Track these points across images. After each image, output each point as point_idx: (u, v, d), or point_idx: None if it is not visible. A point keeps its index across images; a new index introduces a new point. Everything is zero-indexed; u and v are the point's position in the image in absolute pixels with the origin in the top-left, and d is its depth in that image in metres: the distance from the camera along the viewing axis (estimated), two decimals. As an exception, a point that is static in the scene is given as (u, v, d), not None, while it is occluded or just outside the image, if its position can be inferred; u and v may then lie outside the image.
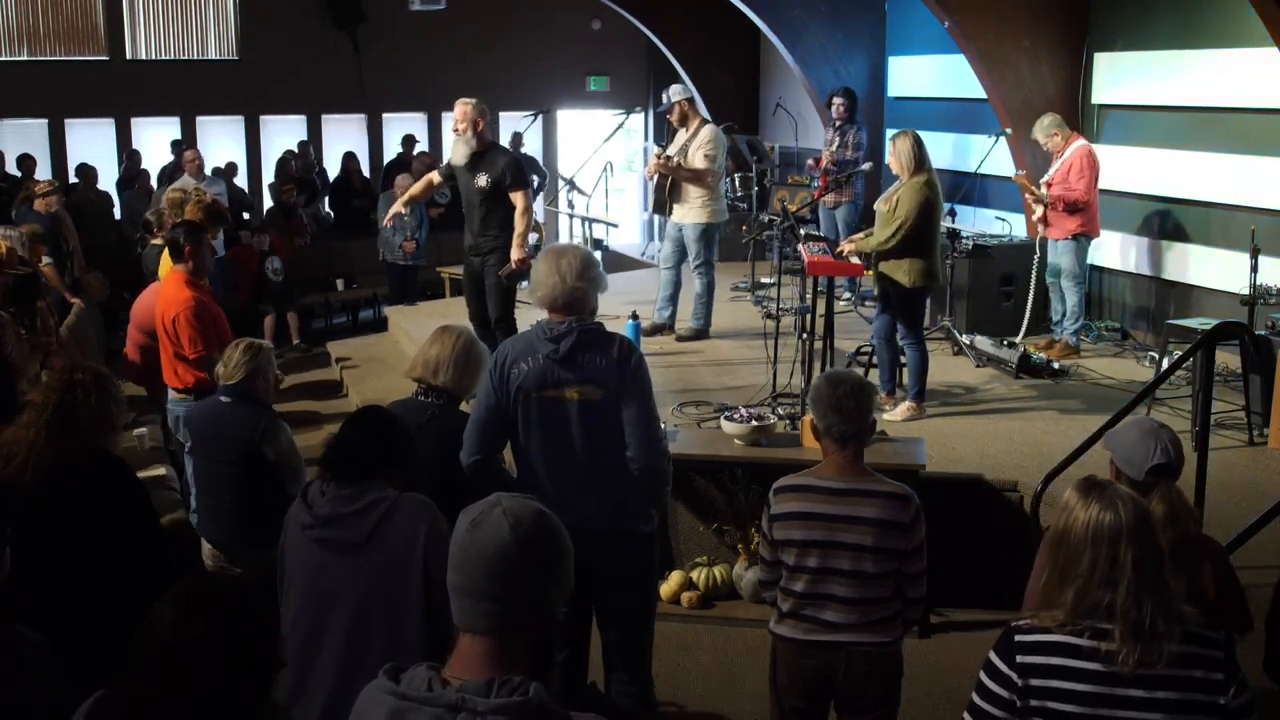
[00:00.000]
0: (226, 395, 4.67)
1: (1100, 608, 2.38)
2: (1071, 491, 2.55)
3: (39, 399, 3.83)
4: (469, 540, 2.00)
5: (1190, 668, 2.36)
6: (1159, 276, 8.79)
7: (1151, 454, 3.26)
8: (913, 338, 6.74)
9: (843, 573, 3.44)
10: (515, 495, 2.07)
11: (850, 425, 3.46)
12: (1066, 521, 2.48)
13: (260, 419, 4.60)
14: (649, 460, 3.80)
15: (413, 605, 3.04)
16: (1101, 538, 2.41)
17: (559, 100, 16.34)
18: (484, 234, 7.08)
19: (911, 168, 6.51)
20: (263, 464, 4.55)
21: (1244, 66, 7.86)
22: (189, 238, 5.87)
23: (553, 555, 2.03)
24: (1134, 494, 2.51)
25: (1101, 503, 2.45)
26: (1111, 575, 2.38)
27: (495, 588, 1.97)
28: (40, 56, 13.91)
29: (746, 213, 11.00)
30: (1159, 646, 2.33)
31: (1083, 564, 2.41)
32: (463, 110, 6.94)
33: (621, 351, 3.79)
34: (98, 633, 3.50)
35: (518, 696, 1.88)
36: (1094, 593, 2.39)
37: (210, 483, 4.74)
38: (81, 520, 3.62)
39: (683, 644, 5.35)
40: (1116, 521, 2.41)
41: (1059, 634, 2.42)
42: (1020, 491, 5.79)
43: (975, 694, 2.51)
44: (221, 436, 4.63)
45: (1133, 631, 2.34)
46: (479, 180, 6.97)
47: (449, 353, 4.10)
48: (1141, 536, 2.41)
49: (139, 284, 7.12)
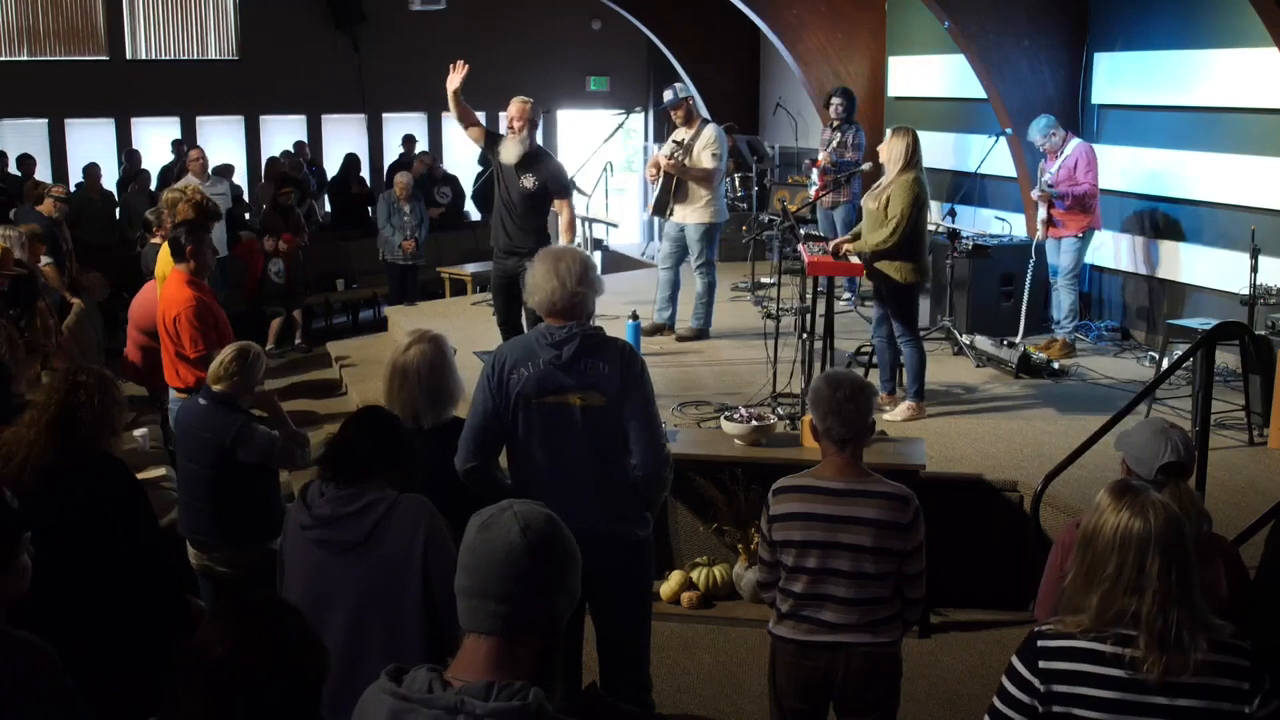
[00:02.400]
0: (205, 397, 4.69)
1: (1126, 615, 2.36)
2: (1104, 493, 2.52)
3: (41, 399, 3.83)
4: (479, 542, 2.01)
5: (1216, 676, 2.33)
6: (1159, 276, 8.79)
7: (1162, 453, 3.25)
8: (909, 335, 6.73)
9: (842, 573, 3.44)
10: (526, 500, 2.09)
11: (850, 427, 3.46)
12: (1096, 523, 2.45)
13: (232, 424, 4.59)
14: (652, 466, 3.79)
15: (411, 605, 3.04)
16: (1130, 544, 2.38)
17: (559, 100, 16.35)
18: (523, 235, 7.03)
19: (902, 164, 6.49)
20: (237, 466, 4.55)
21: (1244, 66, 7.86)
22: (190, 237, 5.85)
23: (561, 561, 2.04)
24: (1167, 501, 2.47)
25: (1133, 508, 2.41)
26: (1138, 583, 2.36)
27: (503, 588, 1.98)
28: (40, 56, 13.92)
29: (746, 213, 10.99)
30: (1185, 656, 2.31)
31: (1109, 569, 2.39)
32: (520, 108, 6.93)
33: (624, 357, 3.77)
34: (97, 633, 3.50)
35: (516, 701, 1.89)
36: (1119, 599, 2.37)
37: (187, 481, 4.76)
38: (80, 521, 3.61)
39: (683, 644, 5.35)
40: (1146, 529, 2.38)
41: (1083, 640, 2.39)
42: (1020, 491, 5.78)
43: (996, 697, 2.48)
44: (196, 438, 4.65)
45: (1158, 641, 2.32)
46: (525, 181, 6.93)
47: (415, 394, 3.80)
48: (1170, 545, 2.37)
49: (139, 284, 7.13)
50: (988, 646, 5.26)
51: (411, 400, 3.77)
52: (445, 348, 3.93)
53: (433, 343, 3.90)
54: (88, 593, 3.56)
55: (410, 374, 3.82)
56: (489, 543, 1.99)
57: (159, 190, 11.39)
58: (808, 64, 11.56)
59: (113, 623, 3.57)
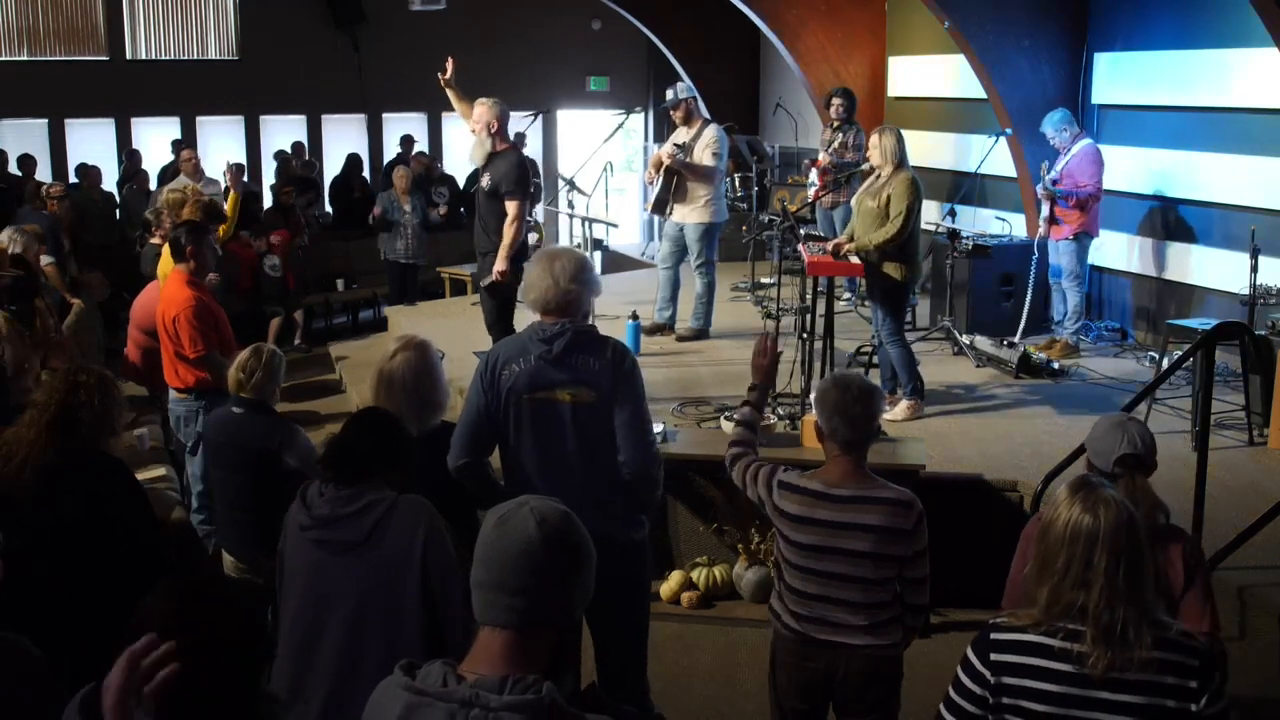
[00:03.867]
0: (238, 405, 4.64)
1: (1073, 609, 2.39)
2: (1063, 488, 2.55)
3: (41, 399, 3.83)
4: (495, 536, 2.02)
5: (1162, 674, 2.35)
6: (1159, 276, 8.79)
7: (1118, 445, 3.23)
8: (895, 335, 6.75)
9: (843, 577, 3.42)
10: (542, 497, 2.11)
11: (856, 431, 3.43)
12: (1050, 517, 2.49)
13: (277, 429, 4.58)
14: (640, 465, 3.77)
15: (410, 605, 3.03)
16: (1078, 539, 2.40)
17: (559, 100, 16.35)
18: (485, 237, 7.05)
19: (895, 162, 6.54)
20: (283, 472, 4.48)
21: (1244, 66, 7.86)
22: (190, 237, 5.85)
23: (576, 556, 2.05)
24: (1122, 499, 2.49)
25: (1085, 504, 2.44)
26: (1085, 577, 2.38)
27: (518, 582, 1.99)
28: (40, 56, 13.91)
29: (746, 213, 11.00)
30: (1130, 652, 2.33)
31: (1058, 563, 2.41)
32: (479, 111, 6.93)
33: (615, 354, 3.77)
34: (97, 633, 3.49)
35: (530, 695, 1.89)
36: (1067, 593, 2.39)
37: (229, 493, 4.68)
38: (79, 521, 3.61)
39: (683, 644, 5.35)
40: (1095, 524, 2.40)
41: (1033, 633, 2.42)
42: (1020, 491, 5.79)
43: (951, 689, 2.52)
44: (237, 447, 4.59)
45: (1104, 635, 2.34)
46: (483, 180, 6.96)
47: (401, 401, 3.78)
48: (1120, 541, 2.39)
49: (139, 284, 7.12)
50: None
51: (397, 408, 3.69)
52: (431, 354, 3.90)
53: (418, 349, 3.89)
54: (88, 593, 3.56)
55: (396, 381, 3.80)
56: (505, 537, 2.01)
57: (159, 190, 11.39)
58: (808, 64, 11.56)
59: (112, 623, 3.57)
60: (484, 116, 6.87)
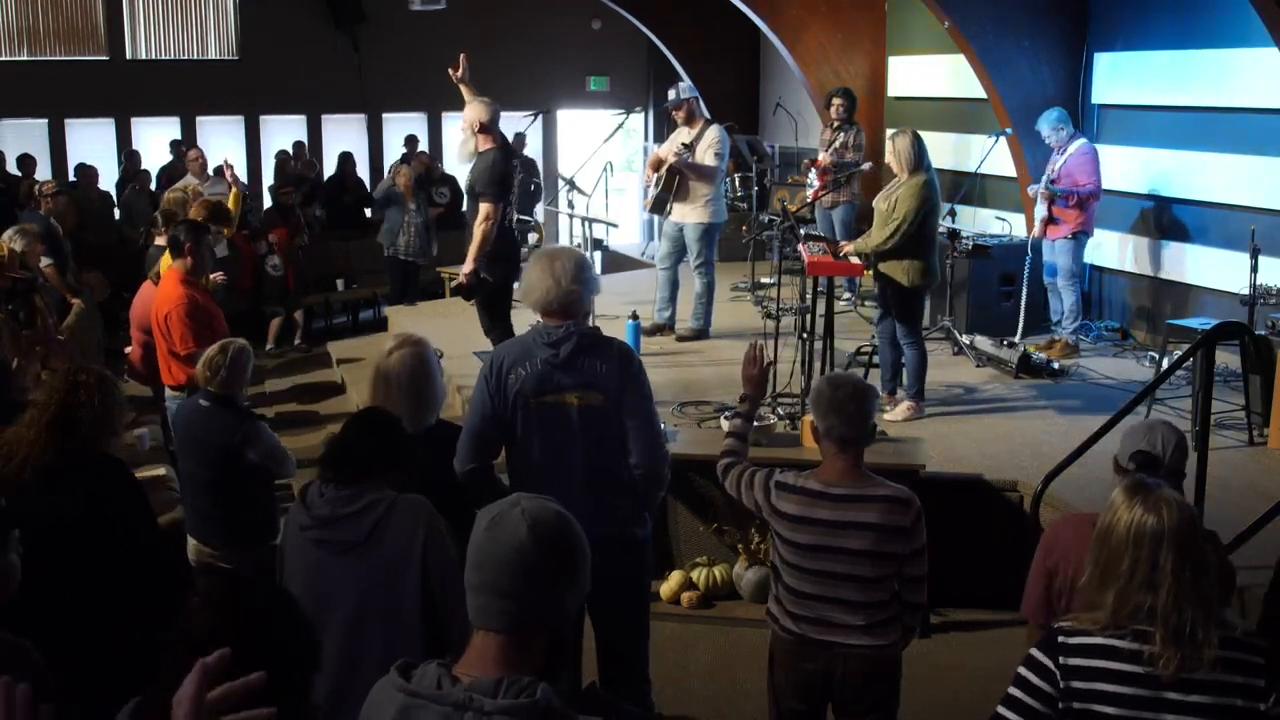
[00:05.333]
0: (206, 399, 4.68)
1: (1141, 611, 2.37)
2: (1119, 491, 2.52)
3: (41, 399, 3.83)
4: (487, 539, 2.00)
5: (1230, 673, 2.35)
6: (1159, 276, 8.79)
7: (1139, 442, 3.25)
8: (912, 337, 6.74)
9: (841, 576, 3.43)
10: (534, 496, 2.08)
11: (851, 428, 3.44)
12: (1110, 521, 2.46)
13: (242, 423, 4.60)
14: (651, 465, 3.80)
15: (410, 605, 3.04)
16: (1143, 540, 2.39)
17: (559, 100, 16.34)
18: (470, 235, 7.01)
19: (910, 166, 6.51)
20: (246, 466, 4.55)
21: (1244, 66, 7.86)
22: (190, 235, 5.88)
23: (569, 556, 2.03)
24: (1181, 498, 2.48)
25: (1146, 505, 2.42)
26: (1152, 579, 2.37)
27: (512, 585, 1.97)
28: (40, 56, 13.92)
29: (746, 213, 11.00)
30: (1199, 652, 2.32)
31: (1123, 565, 2.40)
32: (465, 110, 6.92)
33: (621, 356, 3.78)
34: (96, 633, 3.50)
35: (524, 698, 1.88)
36: (1135, 596, 2.38)
37: (193, 485, 4.75)
38: (80, 521, 3.61)
39: (683, 644, 5.35)
40: (1159, 525, 2.39)
41: (1100, 636, 2.41)
42: (1020, 491, 5.78)
43: (1013, 687, 2.47)
44: (201, 439, 4.64)
45: (1173, 637, 2.33)
46: (466, 181, 6.96)
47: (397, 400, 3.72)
48: (1184, 542, 2.38)
49: (139, 284, 7.12)
50: (988, 646, 5.26)
51: (394, 405, 3.68)
52: (428, 353, 3.89)
53: (415, 348, 3.87)
54: (88, 593, 3.56)
55: (393, 379, 3.79)
56: (497, 540, 1.99)
57: (159, 190, 11.39)
58: (808, 64, 11.56)
59: (113, 622, 3.57)
60: (469, 115, 6.86)
